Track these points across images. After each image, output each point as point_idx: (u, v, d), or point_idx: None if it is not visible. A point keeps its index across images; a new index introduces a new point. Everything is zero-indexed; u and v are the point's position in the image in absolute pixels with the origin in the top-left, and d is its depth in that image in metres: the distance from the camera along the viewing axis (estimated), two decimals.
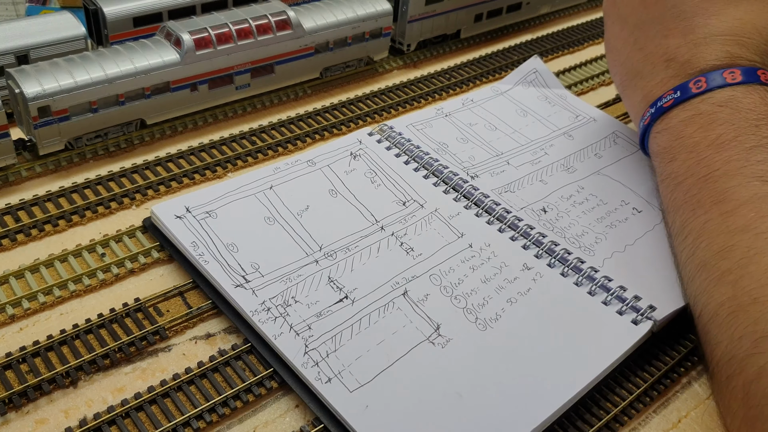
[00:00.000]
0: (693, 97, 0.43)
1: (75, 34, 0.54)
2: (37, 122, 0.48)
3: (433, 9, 0.68)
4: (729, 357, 0.36)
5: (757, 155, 0.39)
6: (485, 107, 0.59)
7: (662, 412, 0.39)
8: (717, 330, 0.37)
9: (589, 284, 0.43)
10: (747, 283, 0.35)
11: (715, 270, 0.38)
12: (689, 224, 0.41)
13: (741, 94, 0.42)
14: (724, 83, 0.42)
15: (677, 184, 0.43)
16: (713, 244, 0.38)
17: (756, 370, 0.33)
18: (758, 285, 0.35)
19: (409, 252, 0.44)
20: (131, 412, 0.35)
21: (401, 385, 0.36)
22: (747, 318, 0.35)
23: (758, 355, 0.34)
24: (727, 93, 0.42)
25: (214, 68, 0.55)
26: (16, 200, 0.47)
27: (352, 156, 0.52)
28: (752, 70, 0.42)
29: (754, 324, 0.34)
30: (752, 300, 0.35)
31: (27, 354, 0.37)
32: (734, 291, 0.36)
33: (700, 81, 0.43)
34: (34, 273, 0.42)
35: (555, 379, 0.37)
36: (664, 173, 0.45)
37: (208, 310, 0.41)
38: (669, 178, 0.44)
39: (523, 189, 0.50)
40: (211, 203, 0.46)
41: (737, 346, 0.35)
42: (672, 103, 0.44)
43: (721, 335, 0.36)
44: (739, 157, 0.40)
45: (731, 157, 0.40)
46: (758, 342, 0.34)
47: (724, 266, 0.37)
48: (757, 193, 0.38)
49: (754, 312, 0.35)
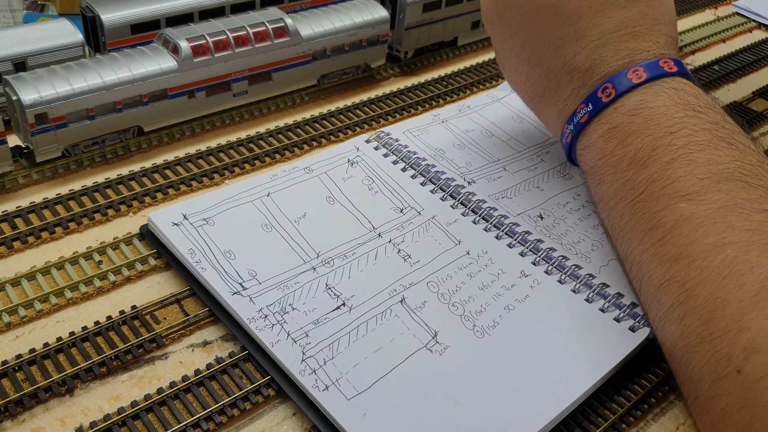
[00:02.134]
0: (605, 108, 0.41)
1: (72, 41, 0.54)
2: (34, 129, 0.48)
3: (430, 16, 0.68)
4: (693, 397, 0.35)
5: (675, 171, 0.38)
6: (481, 114, 0.59)
7: (660, 419, 0.39)
8: (677, 368, 0.37)
9: (587, 291, 0.43)
10: (690, 322, 0.35)
11: (660, 306, 0.37)
12: (630, 255, 0.40)
13: (650, 97, 0.40)
14: (631, 84, 0.41)
15: (610, 209, 0.42)
16: (653, 277, 0.38)
17: (719, 412, 0.33)
18: (700, 322, 0.34)
19: (407, 259, 0.44)
20: (128, 420, 0.35)
21: (399, 393, 0.36)
22: (699, 358, 0.34)
23: (717, 397, 0.33)
24: (636, 98, 0.41)
25: (212, 75, 0.55)
26: (13, 207, 0.47)
27: (349, 163, 0.52)
28: (654, 63, 0.41)
29: (708, 365, 0.34)
30: (699, 339, 0.34)
31: (23, 362, 0.37)
32: (681, 330, 0.35)
33: (608, 88, 0.41)
34: (30, 280, 0.42)
35: (553, 386, 0.37)
36: (596, 195, 0.44)
37: (205, 318, 0.41)
38: (602, 201, 0.43)
39: (520, 195, 0.50)
40: (209, 210, 0.46)
41: (698, 387, 0.35)
42: (587, 118, 0.42)
43: (682, 374, 0.36)
44: (660, 176, 0.38)
45: (652, 177, 0.39)
46: (715, 384, 0.33)
47: (666, 302, 0.37)
48: (682, 215, 0.37)
49: (704, 352, 0.34)
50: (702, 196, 0.37)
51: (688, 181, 0.37)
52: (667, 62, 0.41)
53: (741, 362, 0.32)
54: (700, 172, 0.37)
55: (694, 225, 0.36)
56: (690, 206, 0.37)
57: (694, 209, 0.37)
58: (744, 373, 0.32)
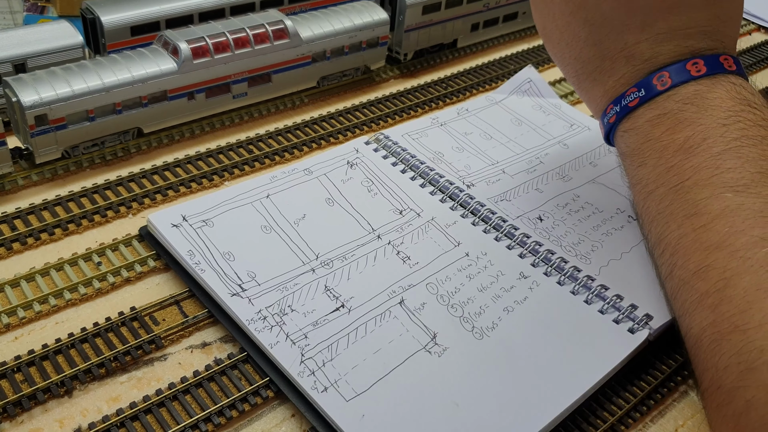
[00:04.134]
0: (658, 95, 0.41)
1: (72, 42, 0.54)
2: (34, 131, 0.48)
3: (430, 18, 0.68)
4: (716, 386, 0.35)
5: (726, 162, 0.38)
6: (480, 116, 0.59)
7: (659, 421, 0.39)
8: (702, 356, 0.36)
9: (586, 293, 0.43)
10: (726, 309, 0.35)
11: (694, 291, 0.37)
12: (665, 238, 0.40)
13: (706, 88, 0.40)
14: (689, 77, 0.41)
15: (649, 192, 0.41)
16: (689, 262, 0.37)
17: (744, 403, 0.33)
18: (737, 311, 0.34)
19: (406, 261, 0.44)
20: (126, 421, 0.35)
21: (398, 394, 0.36)
22: (730, 347, 0.34)
23: (744, 388, 0.33)
24: (692, 88, 0.41)
25: (212, 77, 0.55)
26: (12, 209, 0.47)
27: (348, 165, 0.52)
28: (715, 58, 0.41)
29: (738, 355, 0.33)
30: (733, 327, 0.34)
31: (22, 363, 0.37)
32: (714, 317, 0.35)
33: (664, 76, 0.41)
34: (29, 282, 0.42)
35: (551, 388, 0.37)
36: (635, 177, 0.43)
37: (204, 319, 0.41)
38: (640, 184, 0.43)
39: (519, 198, 0.50)
40: (208, 212, 0.46)
41: (723, 377, 0.34)
42: (637, 102, 0.42)
43: (707, 362, 0.36)
44: (708, 165, 0.38)
45: (700, 165, 0.39)
46: (743, 375, 0.33)
47: (702, 288, 0.36)
48: (728, 206, 0.37)
49: (736, 341, 0.34)
50: (751, 189, 0.37)
51: (738, 173, 0.37)
52: (727, 59, 0.41)
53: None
54: (752, 166, 0.37)
55: (740, 216, 0.36)
56: (737, 198, 0.37)
57: (742, 201, 0.36)
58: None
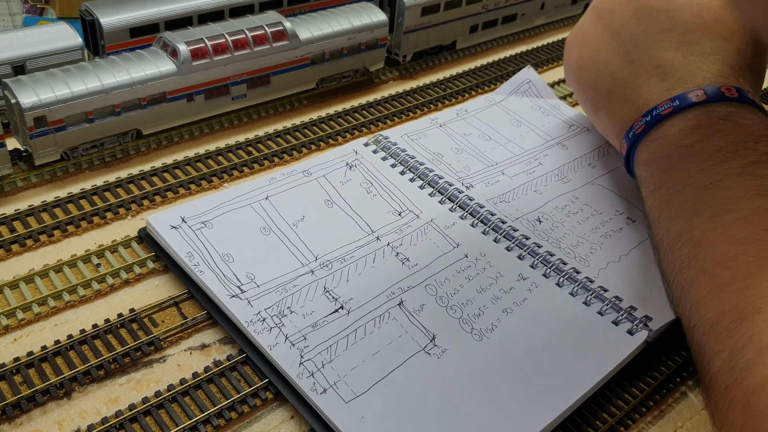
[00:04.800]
0: (692, 107, 0.43)
1: (72, 44, 0.54)
2: (33, 132, 0.48)
3: (429, 20, 0.68)
4: (730, 366, 0.35)
5: (759, 170, 0.39)
6: (479, 117, 0.59)
7: (658, 422, 0.39)
8: (717, 339, 0.36)
9: (585, 294, 0.43)
10: (752, 293, 0.35)
11: (716, 279, 0.37)
12: (686, 233, 0.40)
13: (738, 111, 0.42)
14: (723, 97, 0.43)
15: (673, 193, 0.42)
16: (715, 253, 0.38)
17: (759, 380, 0.33)
18: (763, 295, 0.34)
19: (405, 262, 0.44)
20: (125, 423, 0.35)
21: (397, 396, 0.36)
22: (751, 327, 0.34)
23: (761, 365, 0.33)
24: (726, 108, 0.42)
25: (211, 79, 0.55)
26: (12, 210, 0.47)
27: (347, 166, 0.52)
28: (745, 92, 0.43)
29: (759, 334, 0.34)
30: (756, 309, 0.34)
31: (21, 365, 0.37)
32: (737, 300, 0.35)
33: (699, 92, 0.43)
34: (28, 283, 0.42)
35: (550, 389, 0.37)
36: (658, 182, 0.44)
37: (203, 321, 0.41)
38: (664, 187, 0.43)
39: (518, 199, 0.50)
40: (207, 213, 0.46)
41: (739, 356, 0.34)
42: (671, 111, 0.44)
43: (721, 344, 0.36)
44: (742, 170, 0.39)
45: (733, 169, 0.40)
46: (762, 351, 0.33)
47: (726, 275, 0.37)
48: (761, 206, 0.37)
49: (759, 321, 0.34)
50: None
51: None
52: (755, 98, 0.44)
53: None
54: None
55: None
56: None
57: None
58: None
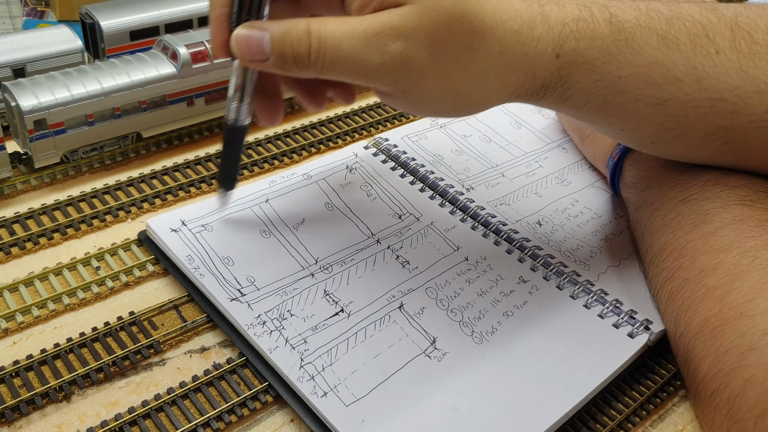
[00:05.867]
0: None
1: (72, 47, 0.54)
2: (33, 135, 0.48)
3: None
4: (714, 372, 0.35)
5: (733, 180, 0.40)
6: (479, 119, 0.59)
7: (659, 426, 0.39)
8: (702, 345, 0.36)
9: (585, 297, 0.43)
10: (733, 298, 0.35)
11: (699, 287, 0.38)
12: (669, 245, 0.40)
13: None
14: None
15: (654, 209, 0.43)
16: (697, 262, 0.38)
17: (741, 383, 0.33)
18: (744, 300, 0.35)
19: (405, 265, 0.44)
20: (125, 426, 0.35)
21: (397, 399, 0.36)
22: (733, 332, 0.35)
23: (743, 368, 0.33)
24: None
25: (211, 82, 0.55)
26: (11, 213, 0.47)
27: (348, 169, 0.52)
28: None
29: (740, 338, 0.34)
30: (738, 314, 0.35)
31: (20, 368, 0.37)
32: (720, 306, 0.36)
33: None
34: (28, 286, 0.42)
35: (551, 392, 0.37)
36: (639, 201, 0.45)
37: (203, 324, 0.41)
38: (645, 205, 0.44)
39: (518, 202, 0.50)
40: (207, 216, 0.46)
41: (723, 360, 0.35)
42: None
43: (706, 350, 0.36)
44: (717, 181, 0.40)
45: (708, 181, 0.40)
46: (744, 355, 0.34)
47: (709, 283, 0.37)
48: (737, 216, 0.38)
49: (740, 326, 0.34)
50: (758, 204, 0.39)
51: (746, 191, 0.39)
52: None
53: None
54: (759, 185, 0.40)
55: (750, 224, 0.38)
56: (746, 210, 0.38)
57: (751, 213, 0.38)
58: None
